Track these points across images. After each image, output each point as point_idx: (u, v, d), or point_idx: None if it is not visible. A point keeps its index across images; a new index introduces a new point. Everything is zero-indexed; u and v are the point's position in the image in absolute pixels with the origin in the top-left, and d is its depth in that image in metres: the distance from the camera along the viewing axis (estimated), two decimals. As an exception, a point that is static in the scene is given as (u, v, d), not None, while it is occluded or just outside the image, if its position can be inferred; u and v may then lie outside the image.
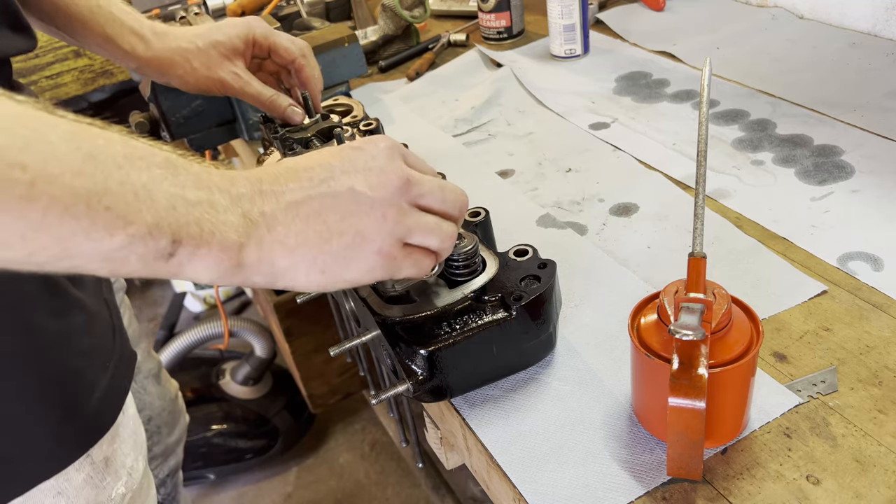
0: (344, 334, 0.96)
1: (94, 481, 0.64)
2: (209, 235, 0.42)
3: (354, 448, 1.90)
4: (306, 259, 0.46)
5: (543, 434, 0.58)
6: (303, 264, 0.46)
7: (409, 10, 1.28)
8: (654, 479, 0.53)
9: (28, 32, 0.66)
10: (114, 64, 2.02)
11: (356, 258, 0.48)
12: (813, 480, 0.51)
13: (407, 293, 0.62)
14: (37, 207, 0.36)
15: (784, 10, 1.20)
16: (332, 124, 0.84)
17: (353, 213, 0.47)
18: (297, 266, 0.46)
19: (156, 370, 1.08)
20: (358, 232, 0.47)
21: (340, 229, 0.47)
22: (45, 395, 0.57)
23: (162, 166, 0.41)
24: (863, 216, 0.75)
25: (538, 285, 0.60)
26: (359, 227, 0.47)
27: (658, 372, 0.50)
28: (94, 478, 0.64)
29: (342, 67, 1.12)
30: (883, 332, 0.62)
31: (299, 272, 0.47)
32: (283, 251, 0.46)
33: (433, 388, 0.59)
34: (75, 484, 0.62)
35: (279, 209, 0.46)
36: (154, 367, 1.07)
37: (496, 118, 1.08)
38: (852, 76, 1.00)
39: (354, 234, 0.47)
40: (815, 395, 0.57)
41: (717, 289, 0.52)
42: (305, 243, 0.46)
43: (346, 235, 0.47)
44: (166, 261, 0.41)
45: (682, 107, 1.01)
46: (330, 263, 0.47)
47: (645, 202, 0.83)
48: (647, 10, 1.32)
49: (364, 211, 0.48)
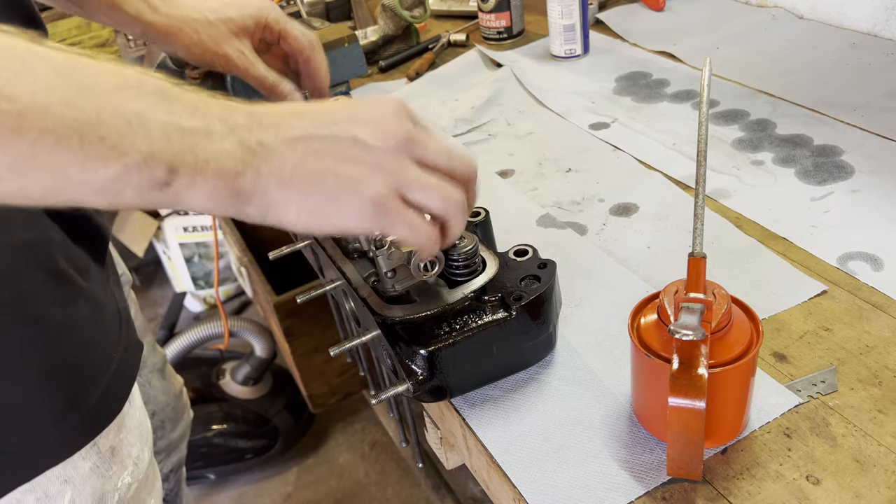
0: (344, 334, 0.96)
1: (100, 470, 0.64)
2: (205, 164, 0.42)
3: (354, 448, 1.90)
4: (299, 194, 0.46)
5: (543, 434, 0.58)
6: (295, 200, 0.46)
7: (409, 10, 1.28)
8: (654, 479, 0.53)
9: (41, 28, 0.66)
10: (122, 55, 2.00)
11: (348, 203, 0.47)
12: (813, 480, 0.51)
13: (407, 293, 0.62)
14: (26, 139, 0.36)
15: (784, 10, 1.20)
16: None
17: (352, 159, 0.47)
18: (289, 201, 0.46)
19: (160, 365, 1.07)
20: (354, 177, 0.47)
21: (337, 171, 0.46)
22: (50, 383, 0.57)
23: (155, 94, 0.41)
24: (863, 216, 0.75)
25: (538, 285, 0.60)
26: (355, 173, 0.47)
27: (658, 372, 0.50)
28: (101, 467, 0.64)
29: (342, 67, 1.12)
30: (883, 332, 0.62)
31: (290, 208, 0.46)
32: (278, 183, 0.45)
33: (433, 388, 0.59)
34: (82, 472, 0.62)
35: (277, 142, 0.45)
36: (159, 362, 1.07)
37: (496, 118, 1.08)
38: (852, 76, 1.00)
39: (350, 178, 0.46)
40: (815, 395, 0.57)
41: (717, 289, 0.52)
42: (300, 179, 0.46)
43: (341, 178, 0.46)
44: (162, 191, 0.41)
45: (682, 107, 1.01)
46: (322, 203, 0.46)
47: (645, 202, 0.83)
48: (647, 10, 1.32)
49: (363, 158, 0.47)
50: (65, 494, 0.62)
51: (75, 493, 0.63)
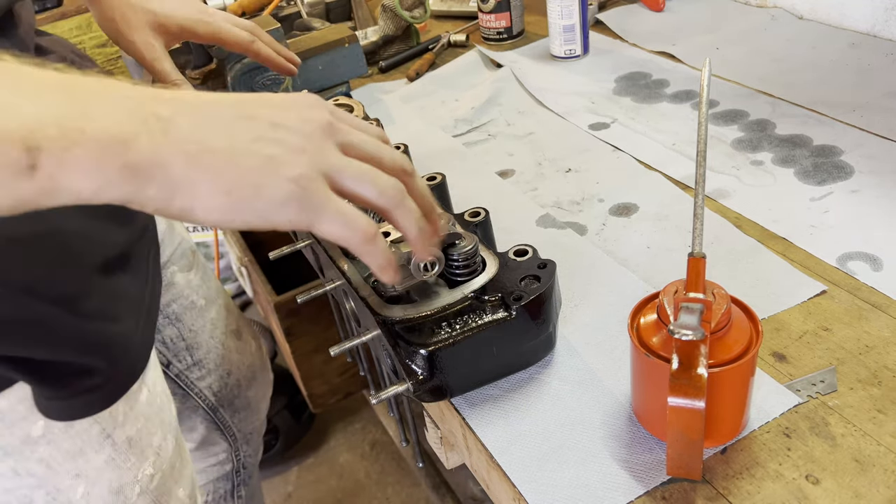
0: (344, 334, 0.96)
1: (115, 462, 0.63)
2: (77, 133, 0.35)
3: (354, 448, 1.90)
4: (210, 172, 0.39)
5: (543, 434, 0.58)
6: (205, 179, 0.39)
7: (409, 10, 1.28)
8: (654, 479, 0.53)
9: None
10: (114, 66, 2.01)
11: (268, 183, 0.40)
12: (812, 480, 0.51)
13: (407, 293, 0.62)
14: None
15: (784, 10, 1.20)
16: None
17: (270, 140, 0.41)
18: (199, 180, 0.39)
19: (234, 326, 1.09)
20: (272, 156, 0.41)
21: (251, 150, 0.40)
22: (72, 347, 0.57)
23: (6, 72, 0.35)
24: (862, 216, 0.75)
25: (538, 285, 0.60)
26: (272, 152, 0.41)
27: (658, 372, 0.50)
28: (116, 459, 0.63)
29: (342, 68, 1.12)
30: (882, 332, 0.62)
31: (201, 188, 0.39)
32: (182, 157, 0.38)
33: (433, 388, 0.59)
34: (95, 465, 0.61)
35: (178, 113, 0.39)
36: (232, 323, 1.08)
37: (496, 118, 1.08)
38: (852, 76, 1.00)
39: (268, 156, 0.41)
40: (815, 395, 0.57)
41: (717, 289, 0.52)
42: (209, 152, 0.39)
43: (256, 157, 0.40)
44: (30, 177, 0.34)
45: (681, 107, 1.01)
46: (237, 183, 0.40)
47: (645, 202, 0.83)
48: (647, 11, 1.32)
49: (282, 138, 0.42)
50: (76, 488, 0.61)
51: (88, 486, 0.62)
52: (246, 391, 1.11)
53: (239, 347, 1.09)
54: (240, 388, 1.09)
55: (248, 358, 1.12)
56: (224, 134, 0.40)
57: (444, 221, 0.58)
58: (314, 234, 0.44)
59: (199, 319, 0.98)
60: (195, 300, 0.98)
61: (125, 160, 0.36)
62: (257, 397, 1.14)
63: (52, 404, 0.58)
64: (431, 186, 0.74)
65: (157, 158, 0.37)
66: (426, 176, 0.76)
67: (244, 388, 1.10)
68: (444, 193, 0.76)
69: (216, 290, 1.04)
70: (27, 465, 0.59)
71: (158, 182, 0.38)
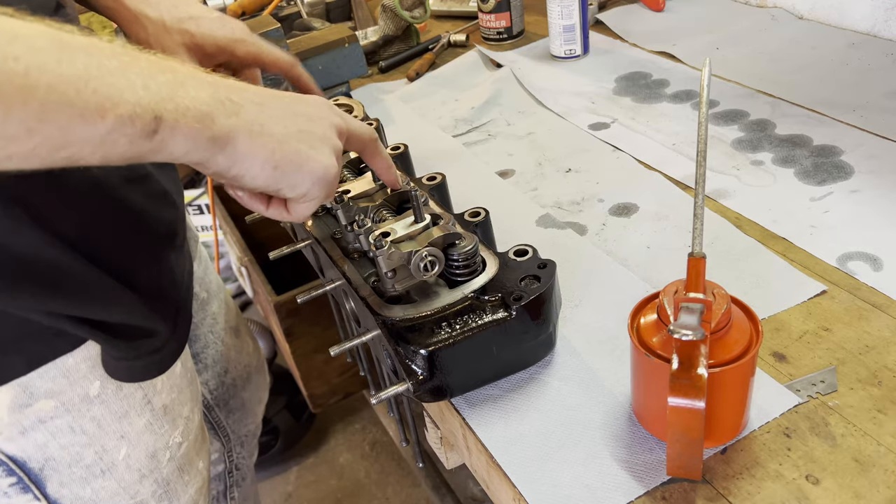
0: (344, 334, 0.96)
1: (153, 427, 0.69)
2: (185, 109, 0.45)
3: (355, 448, 1.90)
4: (265, 149, 0.50)
5: (543, 434, 0.58)
6: (261, 154, 0.50)
7: (409, 10, 1.28)
8: (654, 479, 0.53)
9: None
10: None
11: (306, 165, 0.53)
12: (812, 480, 0.51)
13: (407, 293, 0.62)
14: (36, 96, 0.38)
15: (784, 10, 1.20)
16: None
17: (306, 132, 0.53)
18: (255, 155, 0.49)
19: (233, 323, 1.09)
20: (310, 145, 0.53)
21: (296, 137, 0.52)
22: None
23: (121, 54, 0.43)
24: (862, 216, 0.75)
25: (538, 285, 0.60)
26: (310, 142, 0.53)
27: (658, 372, 0.50)
28: (153, 424, 0.69)
29: (342, 68, 1.12)
30: (882, 332, 0.62)
31: (256, 161, 0.50)
32: (247, 136, 0.49)
33: (433, 388, 0.59)
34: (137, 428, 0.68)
35: (246, 101, 0.50)
36: (232, 320, 1.09)
37: (496, 118, 1.08)
38: (852, 76, 1.00)
39: (307, 145, 0.53)
40: (815, 395, 0.57)
41: (717, 289, 0.52)
42: (268, 134, 0.50)
43: (300, 144, 0.52)
44: (151, 139, 0.43)
45: (681, 107, 1.01)
46: (284, 161, 0.51)
47: (645, 202, 0.83)
48: (647, 11, 1.32)
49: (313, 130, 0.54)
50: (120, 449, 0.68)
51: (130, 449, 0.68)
52: (241, 392, 1.11)
53: (237, 346, 1.09)
54: (235, 388, 1.09)
55: (246, 358, 1.12)
56: (279, 123, 0.51)
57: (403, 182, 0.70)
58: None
59: (200, 312, 0.98)
60: (197, 291, 0.97)
61: (211, 133, 0.46)
62: (252, 400, 1.14)
63: (120, 364, 0.64)
64: (431, 186, 0.74)
65: (231, 133, 0.48)
66: (426, 176, 0.76)
67: (240, 388, 1.10)
68: (444, 193, 0.76)
69: (217, 285, 1.04)
70: (82, 423, 0.64)
71: (227, 152, 0.48)
